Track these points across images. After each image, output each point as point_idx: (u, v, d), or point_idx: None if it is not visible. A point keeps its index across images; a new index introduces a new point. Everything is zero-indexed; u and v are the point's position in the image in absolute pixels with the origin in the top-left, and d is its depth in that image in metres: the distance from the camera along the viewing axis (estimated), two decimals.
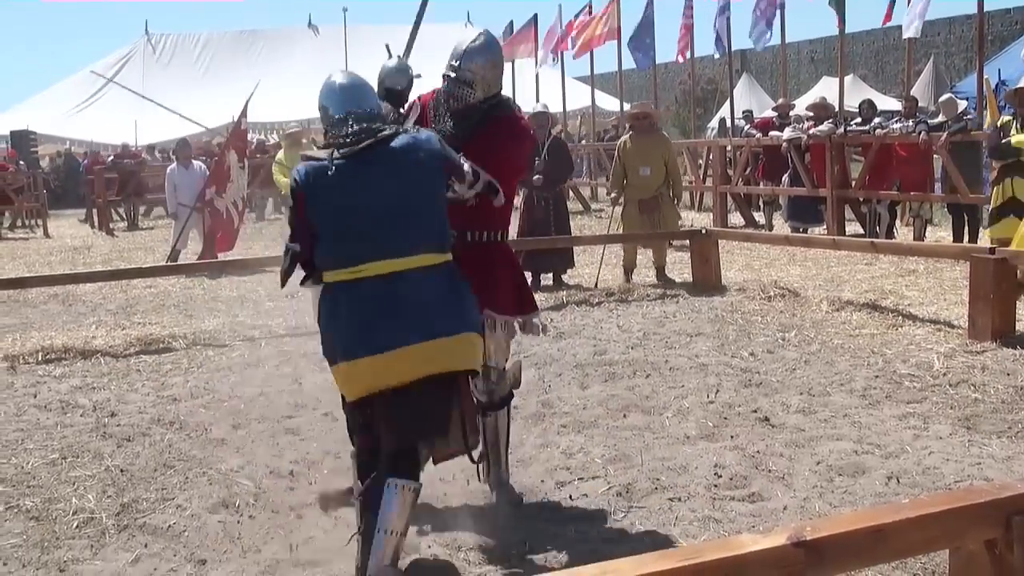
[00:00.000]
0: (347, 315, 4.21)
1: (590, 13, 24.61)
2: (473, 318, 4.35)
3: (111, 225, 23.24)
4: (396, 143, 4.26)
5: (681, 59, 23.64)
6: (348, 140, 4.23)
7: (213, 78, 35.95)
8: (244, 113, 15.32)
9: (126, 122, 31.30)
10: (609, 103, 31.30)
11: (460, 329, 4.23)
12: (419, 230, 4.22)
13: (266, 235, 16.20)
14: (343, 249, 4.24)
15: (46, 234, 23.15)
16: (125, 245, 19.61)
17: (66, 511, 5.22)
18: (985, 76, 14.47)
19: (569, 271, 12.07)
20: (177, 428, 6.66)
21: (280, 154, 15.23)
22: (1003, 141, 10.24)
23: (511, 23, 29.07)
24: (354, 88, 4.41)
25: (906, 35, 16.42)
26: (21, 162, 28.84)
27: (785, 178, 16.22)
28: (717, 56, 22.80)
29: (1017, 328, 8.28)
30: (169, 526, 4.99)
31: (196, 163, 15.91)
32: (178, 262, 14.18)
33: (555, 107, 18.21)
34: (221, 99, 29.81)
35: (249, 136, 19.82)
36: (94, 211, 24.60)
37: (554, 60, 27.06)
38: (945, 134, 13.48)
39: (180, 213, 15.04)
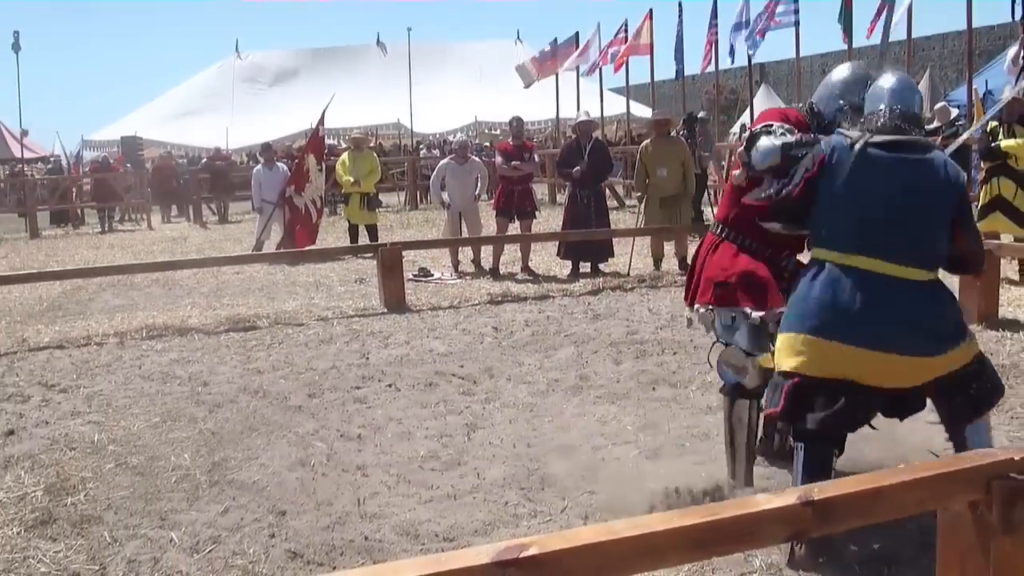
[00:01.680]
0: (826, 296, 3.80)
1: (626, 30, 24.48)
2: (957, 332, 3.94)
3: (204, 220, 23.52)
4: (933, 155, 3.85)
5: (703, 71, 23.46)
6: (887, 128, 3.81)
7: (293, 90, 36.07)
8: (321, 121, 15.45)
9: (219, 128, 31.60)
10: (642, 111, 31.10)
11: (946, 350, 3.84)
12: (922, 245, 3.82)
13: (338, 228, 16.27)
14: (844, 230, 3.82)
15: (150, 227, 23.49)
16: (216, 237, 19.81)
17: (166, 468, 5.30)
18: (975, 87, 14.25)
19: (608, 260, 12.06)
20: (260, 396, 6.72)
21: (345, 155, 15.27)
22: (992, 144, 10.07)
23: (555, 39, 28.97)
24: (904, 89, 3.97)
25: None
26: (129, 164, 29.20)
27: None
28: (732, 64, 22.72)
29: (1000, 312, 8.17)
30: (254, 481, 5.04)
31: (279, 164, 15.96)
32: (262, 251, 14.31)
33: (594, 114, 18.08)
34: (300, 110, 29.99)
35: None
36: (190, 207, 24.99)
37: (589, 74, 26.93)
38: (939, 138, 13.27)
39: (264, 209, 15.12)
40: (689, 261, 11.66)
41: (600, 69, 26.45)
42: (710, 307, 4.59)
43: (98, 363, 8.00)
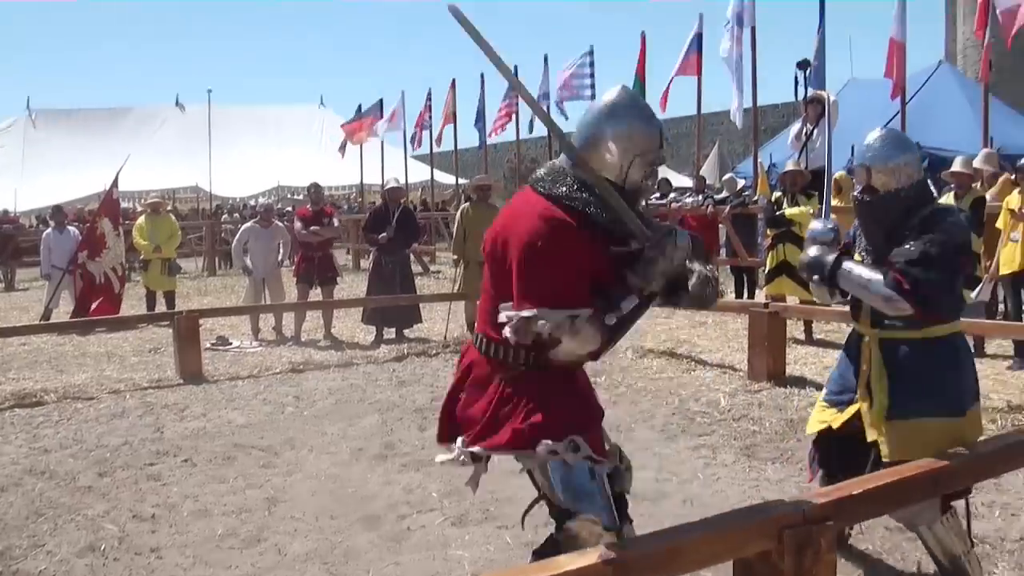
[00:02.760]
0: (967, 367, 4.02)
1: (430, 99, 24.93)
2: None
3: None
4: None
5: (494, 136, 24.14)
6: None
7: (87, 150, 34.59)
8: (115, 183, 14.81)
9: (6, 188, 29.94)
10: (446, 179, 31.48)
11: None
12: None
13: (131, 295, 15.61)
14: (959, 302, 4.10)
15: None
16: (1, 305, 18.60)
17: None
18: (759, 160, 15.18)
19: (413, 325, 12.05)
20: (47, 477, 6.29)
21: (141, 219, 14.73)
22: (777, 213, 10.72)
23: (359, 106, 29.05)
24: None
25: (737, 122, 16.97)
26: None
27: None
28: (531, 134, 23.45)
29: (787, 370, 8.63)
30: (40, 571, 4.70)
31: (70, 228, 15.21)
32: (50, 320, 13.54)
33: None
34: (93, 171, 28.80)
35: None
36: None
37: (417, 146, 27.32)
38: (728, 207, 14.03)
39: (53, 275, 14.34)
40: None
41: (405, 136, 26.74)
42: None
43: None
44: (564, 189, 3.11)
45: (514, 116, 22.29)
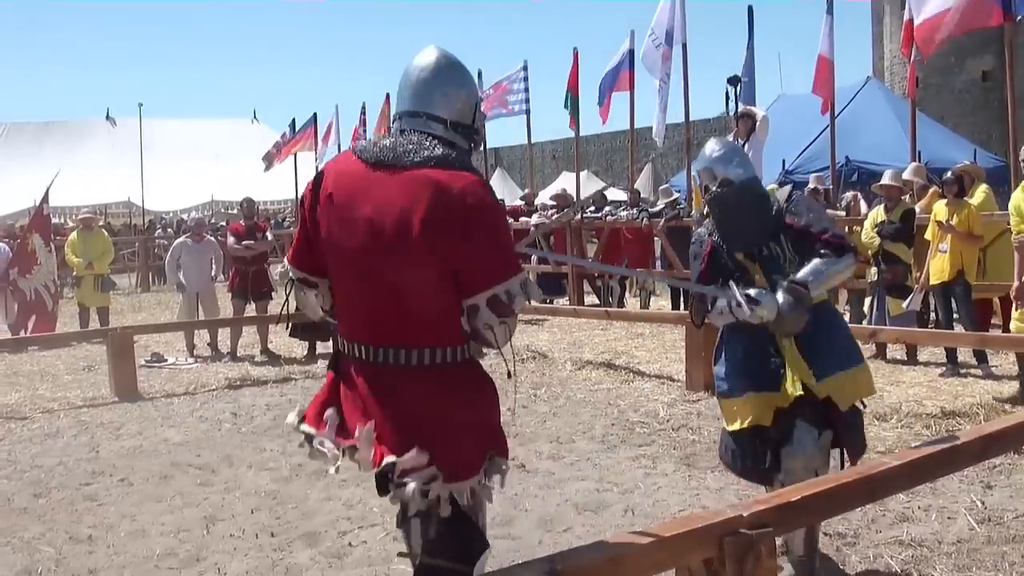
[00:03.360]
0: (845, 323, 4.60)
1: (364, 112, 24.75)
2: None
3: None
4: None
5: None
6: None
7: (17, 164, 33.81)
8: (45, 199, 14.51)
9: None
10: None
11: None
12: None
13: (64, 312, 15.27)
14: None
15: None
16: None
17: None
18: (692, 173, 15.35)
19: None
20: None
21: (73, 235, 14.45)
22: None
23: (293, 120, 28.80)
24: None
25: (657, 140, 17.04)
26: None
27: (534, 257, 16.52)
28: None
29: None
30: None
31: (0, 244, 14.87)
32: None
33: None
34: (22, 186, 28.19)
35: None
36: None
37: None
38: (663, 220, 14.17)
39: None
40: None
41: (339, 150, 26.49)
42: None
43: None
44: None
45: None
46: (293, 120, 28.18)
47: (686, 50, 14.67)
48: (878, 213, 9.78)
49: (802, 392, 4.14)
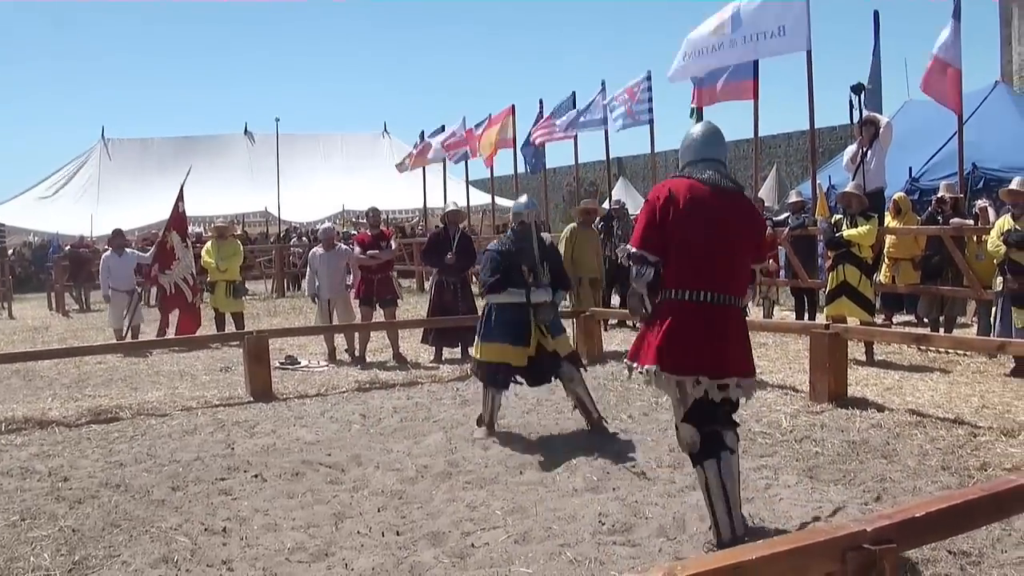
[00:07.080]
0: None
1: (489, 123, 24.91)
2: None
3: (65, 308, 22.60)
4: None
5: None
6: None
7: (159, 177, 35.35)
8: (181, 197, 14.84)
9: (83, 215, 30.73)
10: (505, 203, 31.62)
11: None
12: None
13: (203, 316, 15.85)
14: None
15: (10, 315, 22.36)
16: (78, 325, 19.04)
17: (25, 569, 4.99)
18: (818, 182, 15.00)
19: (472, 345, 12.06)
20: (123, 491, 6.42)
21: (208, 244, 14.96)
22: (836, 235, 10.57)
23: (422, 132, 29.31)
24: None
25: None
26: None
27: None
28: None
29: (848, 391, 8.49)
30: None
31: (129, 250, 15.48)
32: (124, 340, 13.83)
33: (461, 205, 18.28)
34: (166, 198, 29.41)
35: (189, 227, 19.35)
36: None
37: (456, 161, 27.19)
38: (787, 229, 13.88)
39: (114, 297, 14.62)
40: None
41: (467, 161, 26.77)
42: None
43: None
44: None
45: (574, 140, 22.16)
46: (422, 132, 28.70)
47: (811, 57, 14.34)
48: (1005, 221, 9.38)
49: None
